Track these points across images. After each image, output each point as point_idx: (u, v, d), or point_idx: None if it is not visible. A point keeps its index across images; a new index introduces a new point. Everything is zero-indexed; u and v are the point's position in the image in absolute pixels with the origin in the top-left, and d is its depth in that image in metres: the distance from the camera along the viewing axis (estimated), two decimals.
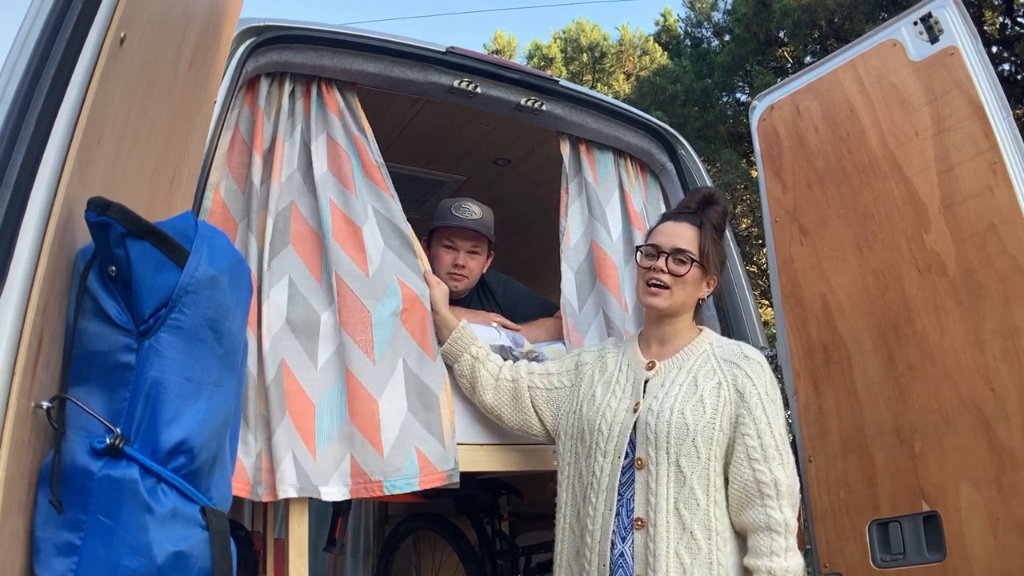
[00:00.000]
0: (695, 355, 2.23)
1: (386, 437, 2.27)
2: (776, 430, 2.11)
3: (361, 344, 2.32)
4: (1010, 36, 9.31)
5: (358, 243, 2.43)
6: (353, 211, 2.46)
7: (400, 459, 2.27)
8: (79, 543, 1.19)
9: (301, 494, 2.19)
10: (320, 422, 2.25)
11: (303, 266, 2.39)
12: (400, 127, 3.33)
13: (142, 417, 1.25)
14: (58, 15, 1.24)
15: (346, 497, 2.24)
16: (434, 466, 2.32)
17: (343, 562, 4.08)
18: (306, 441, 2.22)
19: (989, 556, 2.29)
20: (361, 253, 2.42)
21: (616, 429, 2.18)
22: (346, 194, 2.47)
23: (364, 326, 2.34)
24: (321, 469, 2.22)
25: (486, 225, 2.97)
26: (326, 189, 2.46)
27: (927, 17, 2.59)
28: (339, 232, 2.42)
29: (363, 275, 2.39)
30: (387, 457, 2.26)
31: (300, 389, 2.26)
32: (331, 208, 2.44)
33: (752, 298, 3.05)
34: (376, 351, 2.33)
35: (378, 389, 2.31)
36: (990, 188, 2.39)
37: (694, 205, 2.37)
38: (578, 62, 16.04)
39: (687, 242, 2.26)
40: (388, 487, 2.24)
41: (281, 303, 2.31)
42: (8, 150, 1.15)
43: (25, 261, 1.13)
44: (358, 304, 2.36)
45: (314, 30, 2.51)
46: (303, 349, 2.30)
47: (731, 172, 10.40)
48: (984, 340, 2.37)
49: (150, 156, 1.57)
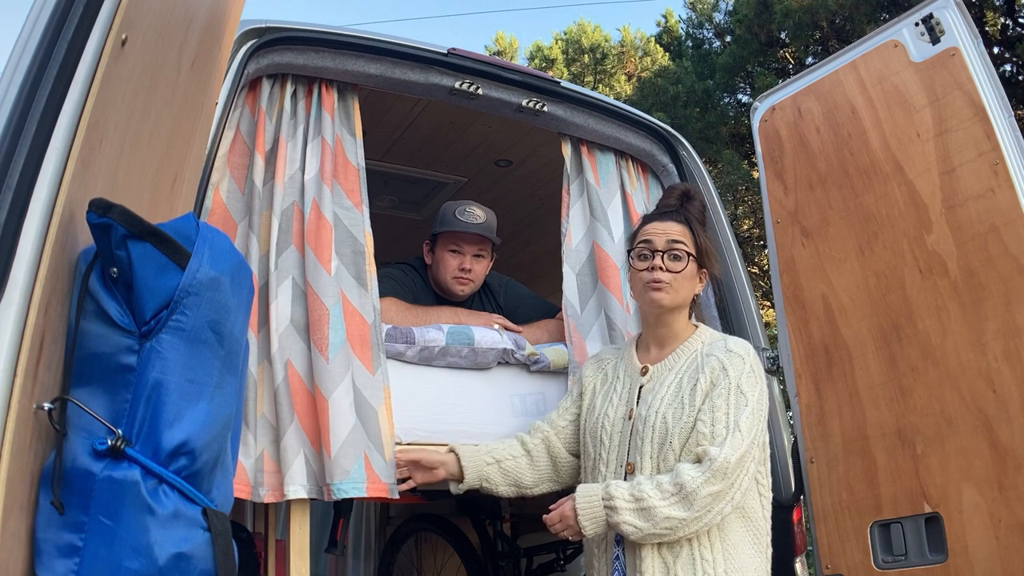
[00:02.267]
0: (687, 355, 2.24)
1: (335, 440, 2.25)
2: (733, 419, 2.06)
3: (317, 342, 2.31)
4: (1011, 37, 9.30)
5: (325, 243, 2.41)
6: (329, 212, 2.46)
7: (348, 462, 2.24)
8: (80, 544, 1.19)
9: (312, 495, 2.21)
10: (334, 422, 2.26)
11: (305, 266, 2.39)
12: (401, 128, 3.34)
13: (143, 418, 1.26)
14: (60, 17, 1.24)
15: (363, 495, 2.25)
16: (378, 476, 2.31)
17: (345, 563, 4.08)
18: (320, 439, 2.25)
19: (991, 557, 2.29)
20: (327, 252, 2.41)
21: (616, 438, 2.22)
22: (325, 194, 2.47)
23: (322, 324, 2.33)
24: (336, 466, 2.24)
25: (491, 229, 2.97)
26: (312, 190, 2.46)
27: (928, 18, 2.58)
28: (310, 233, 2.41)
29: (326, 274, 2.38)
30: (335, 458, 2.23)
31: (305, 388, 2.28)
32: (312, 207, 2.44)
33: (754, 299, 3.05)
34: (330, 351, 2.32)
35: (329, 388, 2.29)
36: (992, 189, 2.39)
37: (674, 203, 2.39)
38: (579, 63, 16.03)
39: (678, 234, 2.28)
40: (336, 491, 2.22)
41: (285, 303, 2.33)
42: (10, 151, 1.15)
43: (27, 262, 1.13)
44: (318, 302, 2.35)
45: (315, 31, 2.51)
46: (310, 349, 2.32)
47: (733, 173, 10.39)
48: (986, 341, 2.37)
49: (152, 157, 1.57)
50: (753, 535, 2.14)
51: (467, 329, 2.63)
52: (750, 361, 2.17)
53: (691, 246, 2.28)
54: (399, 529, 3.68)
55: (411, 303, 2.78)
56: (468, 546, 3.37)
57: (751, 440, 2.05)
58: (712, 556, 2.06)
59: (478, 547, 3.39)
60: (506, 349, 2.66)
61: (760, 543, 2.16)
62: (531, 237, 4.04)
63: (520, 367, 2.72)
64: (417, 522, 3.61)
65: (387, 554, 3.68)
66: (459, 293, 2.96)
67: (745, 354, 2.18)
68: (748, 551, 2.12)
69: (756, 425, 2.08)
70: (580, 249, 2.90)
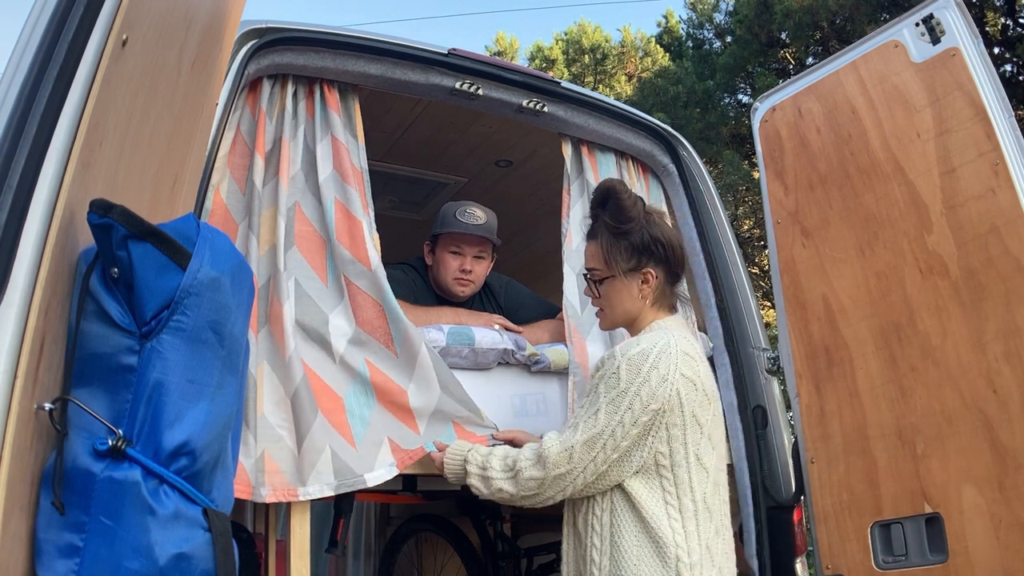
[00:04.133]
0: None
1: (419, 419, 2.38)
2: (577, 417, 2.10)
3: (381, 339, 2.38)
4: (1012, 37, 9.30)
5: (359, 239, 2.44)
6: (355, 207, 2.48)
7: (435, 430, 2.40)
8: (81, 544, 1.19)
9: (339, 491, 2.24)
10: (351, 415, 2.30)
11: (307, 267, 2.41)
12: (402, 129, 3.34)
13: (144, 419, 1.26)
14: (60, 17, 1.24)
15: (394, 475, 2.32)
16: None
17: (345, 564, 4.08)
18: (343, 433, 2.27)
19: (991, 558, 2.29)
20: (363, 249, 2.44)
21: None
22: (348, 190, 2.48)
23: (381, 320, 2.39)
24: (363, 456, 2.28)
25: (491, 230, 2.97)
26: (330, 189, 2.47)
27: (929, 18, 2.58)
28: (342, 232, 2.44)
29: (367, 270, 2.42)
30: (423, 434, 2.37)
31: (325, 385, 2.30)
32: (335, 207, 2.45)
33: (754, 300, 3.05)
34: (396, 344, 2.39)
35: (404, 379, 2.38)
36: (992, 190, 2.39)
37: (591, 212, 2.31)
38: (580, 64, 16.03)
39: (591, 261, 2.26)
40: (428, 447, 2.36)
41: (290, 304, 2.33)
42: (11, 152, 1.15)
43: (28, 263, 1.13)
44: (369, 300, 2.40)
45: (315, 32, 2.51)
46: (318, 347, 2.34)
47: (733, 174, 10.39)
48: (986, 341, 2.37)
49: (152, 158, 1.57)
50: (655, 546, 2.01)
51: (467, 329, 2.63)
52: (620, 362, 2.07)
53: (602, 264, 2.22)
54: (399, 529, 3.68)
55: (411, 304, 2.78)
56: (468, 546, 3.37)
57: (586, 439, 2.03)
58: (599, 559, 2.06)
59: (478, 547, 3.39)
60: (506, 349, 2.66)
61: (666, 558, 1.99)
62: (531, 237, 4.04)
63: (521, 367, 2.72)
64: (417, 522, 3.61)
65: (387, 554, 3.69)
66: (460, 294, 2.97)
67: (621, 355, 2.08)
68: (648, 561, 1.99)
69: (597, 426, 2.03)
70: (580, 249, 2.89)
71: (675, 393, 2.04)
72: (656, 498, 2.05)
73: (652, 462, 2.06)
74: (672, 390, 2.04)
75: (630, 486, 2.05)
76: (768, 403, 2.89)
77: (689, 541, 2.02)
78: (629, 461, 2.05)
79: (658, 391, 2.03)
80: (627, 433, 2.02)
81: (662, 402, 2.03)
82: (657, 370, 2.04)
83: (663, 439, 2.05)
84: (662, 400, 2.03)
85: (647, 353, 2.06)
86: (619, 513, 2.06)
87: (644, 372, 2.04)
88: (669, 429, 2.05)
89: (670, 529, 2.02)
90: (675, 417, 2.05)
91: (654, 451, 2.05)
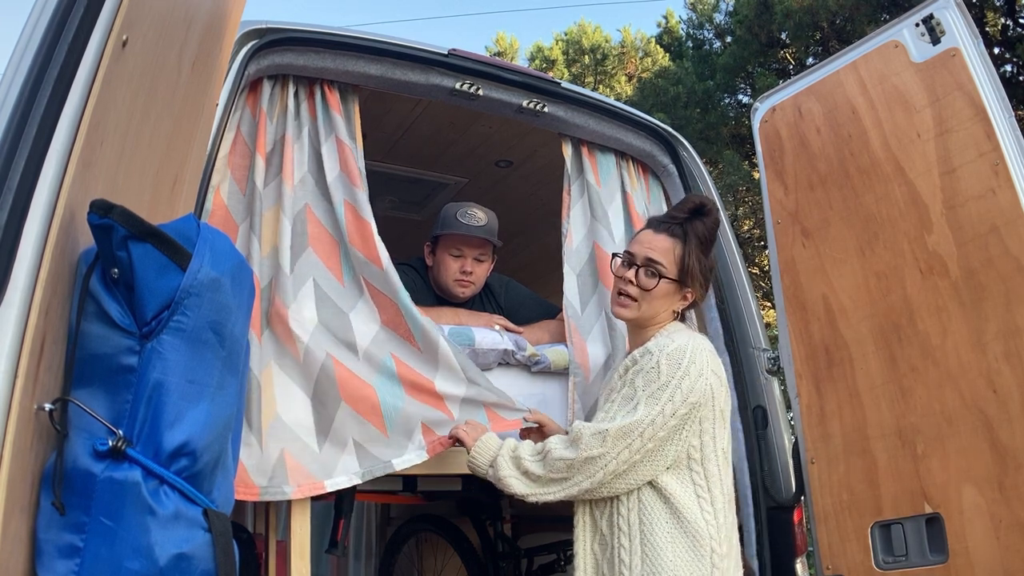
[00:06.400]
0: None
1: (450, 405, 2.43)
2: (615, 407, 2.12)
3: (402, 334, 2.43)
4: (1012, 37, 9.30)
5: (370, 240, 2.46)
6: (363, 209, 2.49)
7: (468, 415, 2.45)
8: (81, 545, 1.19)
9: (365, 478, 2.28)
10: (384, 403, 2.33)
11: (324, 268, 2.43)
12: (402, 129, 3.34)
13: (144, 419, 1.26)
14: (60, 18, 1.24)
15: (423, 459, 2.35)
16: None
17: (345, 564, 4.08)
18: (373, 421, 2.31)
19: (992, 558, 2.29)
20: (373, 249, 2.46)
21: None
22: (356, 193, 2.49)
23: (399, 318, 2.43)
24: (393, 442, 2.32)
25: (492, 231, 2.97)
26: (339, 191, 2.48)
27: (929, 18, 2.58)
28: (353, 234, 2.46)
29: (379, 271, 2.45)
30: (458, 418, 2.41)
31: (352, 376, 2.32)
32: (345, 208, 2.46)
33: (754, 300, 3.05)
34: (417, 339, 2.43)
35: (430, 371, 2.42)
36: (992, 190, 2.39)
37: (682, 216, 2.28)
38: (580, 64, 16.03)
39: (661, 254, 2.22)
40: None
41: (310, 305, 2.35)
42: (11, 153, 1.15)
43: (28, 264, 1.13)
44: (386, 299, 2.44)
45: (315, 32, 2.51)
46: (342, 345, 2.36)
47: (733, 174, 10.39)
48: (986, 341, 2.37)
49: (152, 158, 1.57)
50: (691, 540, 2.04)
51: (468, 330, 2.63)
52: (659, 357, 2.11)
53: (673, 266, 2.21)
54: (400, 530, 3.68)
55: None
56: (469, 547, 3.37)
57: (621, 426, 2.06)
58: (629, 559, 2.06)
59: (479, 548, 3.39)
60: (507, 350, 2.66)
61: (700, 551, 2.03)
62: (531, 238, 4.04)
63: (521, 368, 2.72)
64: (418, 523, 3.61)
65: (388, 555, 3.69)
66: (460, 295, 2.96)
67: (659, 351, 2.13)
68: (683, 555, 2.02)
69: (636, 415, 2.06)
70: (581, 250, 2.90)
71: (709, 387, 2.13)
72: (688, 492, 2.11)
73: (684, 456, 2.12)
74: (707, 384, 2.12)
75: (662, 481, 2.10)
76: (768, 403, 2.89)
77: (720, 533, 2.09)
78: (663, 454, 2.10)
79: (696, 385, 2.10)
80: (665, 423, 2.07)
81: (699, 396, 2.11)
82: (695, 364, 2.12)
83: (696, 432, 2.12)
84: (699, 394, 2.11)
85: (684, 349, 2.13)
86: (649, 510, 2.09)
87: (684, 366, 2.11)
88: (702, 423, 2.13)
89: (704, 522, 2.08)
90: (707, 411, 2.13)
91: (687, 444, 2.12)
